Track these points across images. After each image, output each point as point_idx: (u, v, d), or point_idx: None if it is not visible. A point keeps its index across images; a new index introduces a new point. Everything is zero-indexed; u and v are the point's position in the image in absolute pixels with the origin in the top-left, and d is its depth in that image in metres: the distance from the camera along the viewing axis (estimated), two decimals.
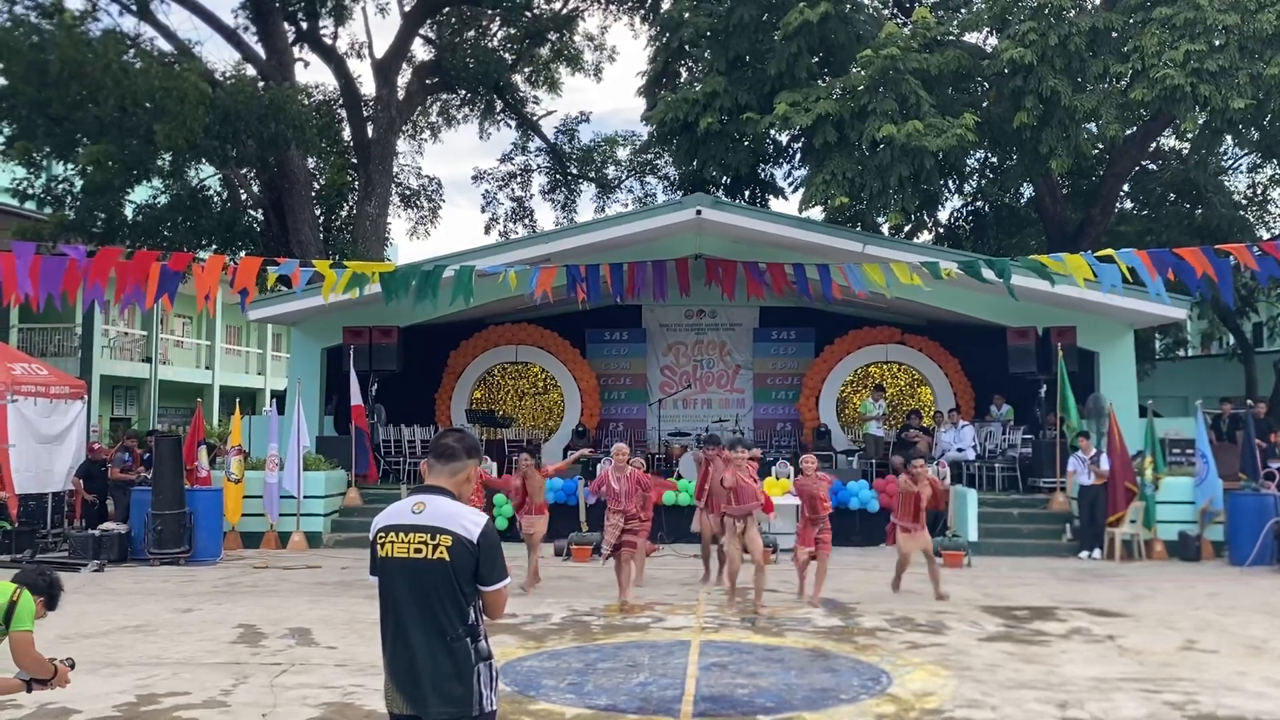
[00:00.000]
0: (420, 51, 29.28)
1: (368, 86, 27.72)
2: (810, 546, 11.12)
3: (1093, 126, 20.14)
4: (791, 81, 20.39)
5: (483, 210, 32.67)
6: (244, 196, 26.01)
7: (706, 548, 12.51)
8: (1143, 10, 19.21)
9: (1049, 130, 19.34)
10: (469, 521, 3.63)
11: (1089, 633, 9.56)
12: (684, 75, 25.37)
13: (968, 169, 25.15)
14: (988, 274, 12.41)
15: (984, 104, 21.83)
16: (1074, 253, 21.78)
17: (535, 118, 31.56)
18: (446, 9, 28.13)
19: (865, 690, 7.44)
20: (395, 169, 28.72)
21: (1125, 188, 25.11)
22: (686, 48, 23.46)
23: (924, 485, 11.42)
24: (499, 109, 30.98)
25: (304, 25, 26.31)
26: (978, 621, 10.07)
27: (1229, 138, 21.24)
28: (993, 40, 22.31)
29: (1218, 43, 18.12)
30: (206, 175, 26.11)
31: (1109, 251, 11.65)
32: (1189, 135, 20.79)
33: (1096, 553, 15.13)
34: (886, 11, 24.67)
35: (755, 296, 15.53)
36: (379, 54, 27.24)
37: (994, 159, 25.40)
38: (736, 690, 7.40)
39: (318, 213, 26.20)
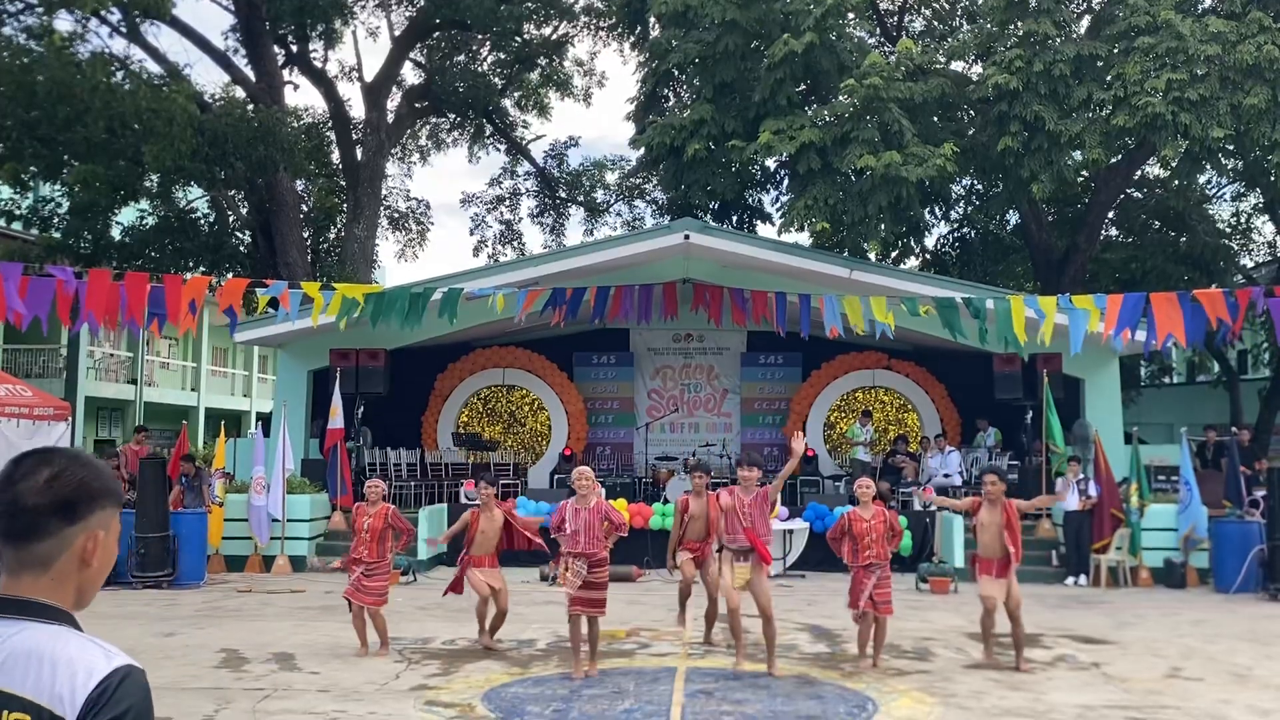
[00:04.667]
0: (410, 75, 29.45)
1: (357, 109, 27.86)
2: (856, 607, 9.10)
3: (1077, 154, 20.32)
4: (776, 109, 20.52)
5: (471, 233, 32.81)
6: (232, 218, 26.01)
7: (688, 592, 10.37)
8: (1126, 39, 19.43)
9: (1031, 156, 19.51)
10: (75, 675, 1.68)
11: (1074, 660, 9.56)
12: (671, 101, 25.53)
13: (953, 196, 25.31)
14: (963, 312, 12.38)
15: (969, 131, 22.00)
16: (1059, 278, 22.10)
17: (524, 142, 31.70)
18: (437, 34, 28.27)
19: (851, 717, 7.42)
20: (384, 191, 28.79)
21: (1110, 215, 25.30)
22: (675, 73, 23.61)
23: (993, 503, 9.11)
24: (488, 133, 31.10)
25: (294, 48, 26.39)
26: (963, 648, 10.06)
27: (1209, 166, 21.44)
28: (978, 68, 22.52)
29: (1199, 72, 18.32)
30: (194, 197, 26.10)
31: (1085, 299, 11.64)
32: (1171, 163, 21.00)
33: (1082, 579, 15.15)
34: (873, 40, 24.88)
35: (737, 324, 15.53)
36: (369, 77, 27.38)
37: (979, 186, 25.59)
38: (723, 717, 7.37)
39: (306, 235, 26.20)
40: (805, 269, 17.12)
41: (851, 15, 22.27)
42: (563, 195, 32.51)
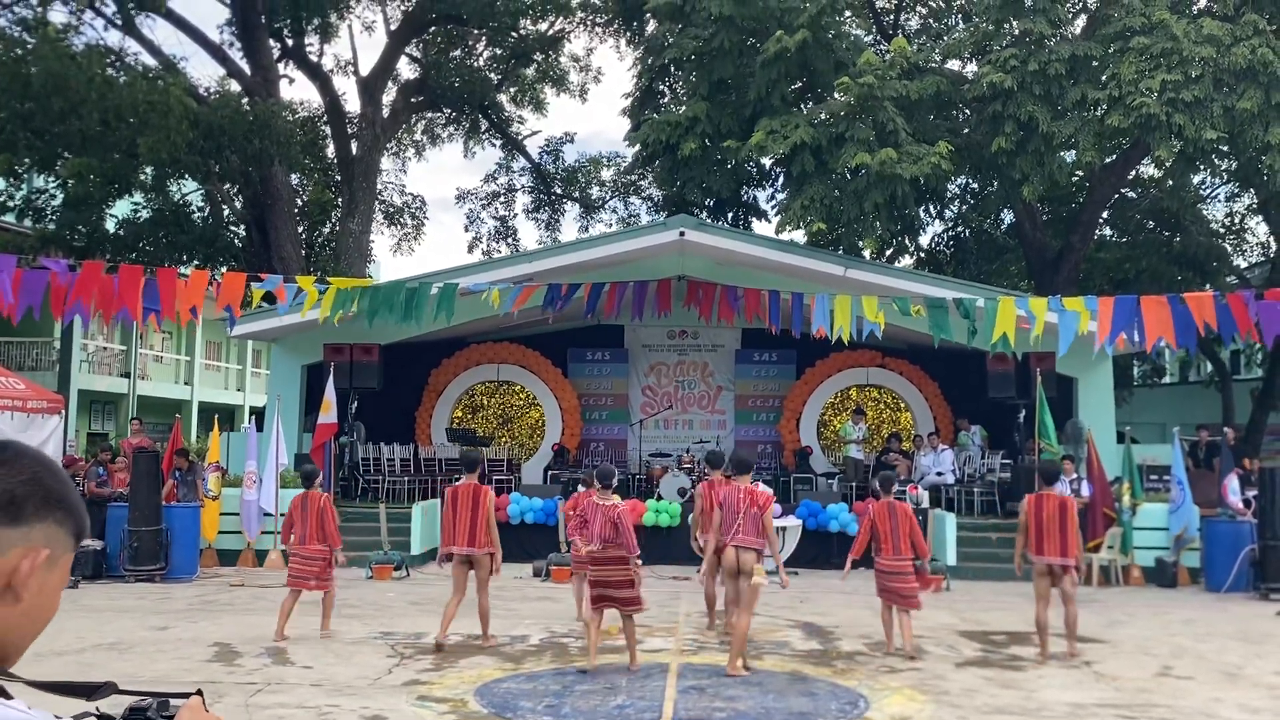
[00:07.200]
0: (406, 70, 29.41)
1: (352, 104, 27.82)
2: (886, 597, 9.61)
3: (1070, 155, 20.33)
4: (770, 108, 20.50)
5: (466, 229, 32.75)
6: (226, 212, 25.95)
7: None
8: (1121, 39, 19.45)
9: (1023, 157, 19.53)
10: None
11: (1066, 658, 9.59)
12: (667, 97, 25.51)
13: (948, 194, 25.31)
14: (953, 312, 12.35)
15: (964, 130, 22.00)
16: (1053, 277, 22.11)
17: (520, 137, 31.66)
18: (432, 28, 28.23)
19: (843, 714, 7.44)
20: (379, 186, 28.75)
21: (1104, 215, 25.33)
22: (671, 69, 23.59)
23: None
24: (484, 128, 31.06)
25: (290, 42, 26.35)
26: (955, 646, 10.09)
27: (1202, 168, 21.47)
28: (973, 67, 22.53)
29: (1193, 74, 18.35)
30: (189, 190, 26.04)
31: (1076, 300, 11.63)
32: (1165, 164, 21.05)
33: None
34: (869, 38, 24.87)
35: (725, 321, 15.40)
36: (364, 71, 27.32)
37: (974, 185, 25.62)
38: (714, 713, 7.38)
39: (300, 229, 26.16)
40: (800, 266, 17.14)
41: (848, 12, 22.24)
42: (558, 191, 32.47)
